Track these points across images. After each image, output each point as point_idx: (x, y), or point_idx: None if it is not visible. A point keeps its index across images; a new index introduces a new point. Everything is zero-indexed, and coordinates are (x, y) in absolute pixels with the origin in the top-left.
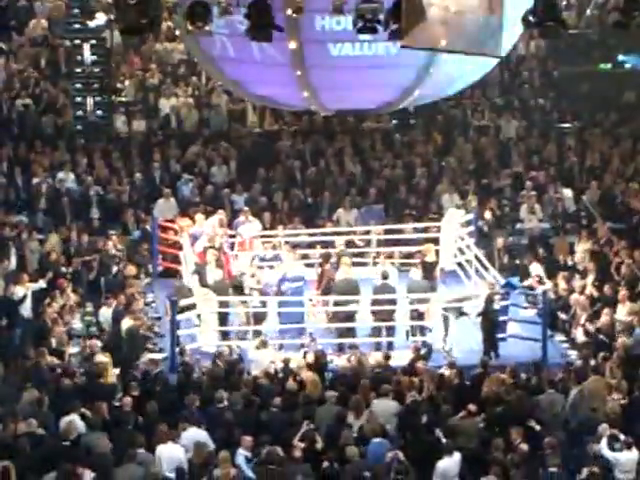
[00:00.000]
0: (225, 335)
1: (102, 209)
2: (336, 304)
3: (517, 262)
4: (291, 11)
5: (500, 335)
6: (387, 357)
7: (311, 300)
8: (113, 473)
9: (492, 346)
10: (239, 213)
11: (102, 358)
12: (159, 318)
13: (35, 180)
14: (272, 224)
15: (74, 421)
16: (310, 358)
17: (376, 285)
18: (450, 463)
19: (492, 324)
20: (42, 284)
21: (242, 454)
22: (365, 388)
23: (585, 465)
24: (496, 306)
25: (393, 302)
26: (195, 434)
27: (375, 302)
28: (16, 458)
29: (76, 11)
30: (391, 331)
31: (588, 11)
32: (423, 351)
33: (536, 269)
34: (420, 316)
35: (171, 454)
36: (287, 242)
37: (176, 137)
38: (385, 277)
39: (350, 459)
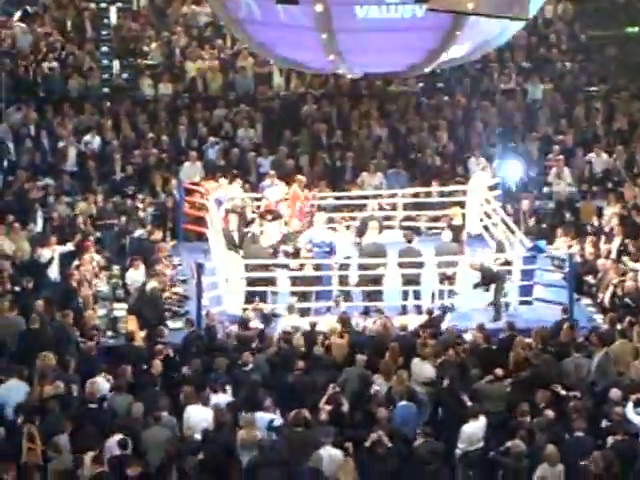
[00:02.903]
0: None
1: (129, 172)
2: (364, 267)
3: (544, 226)
4: None
5: (525, 298)
6: (404, 328)
7: (337, 263)
8: (140, 435)
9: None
10: (265, 176)
11: (129, 321)
12: (185, 281)
13: (61, 143)
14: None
15: (97, 383)
16: (335, 322)
17: (401, 248)
18: (476, 427)
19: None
20: (69, 247)
21: (266, 416)
22: (394, 351)
23: (610, 430)
24: (494, 268)
25: (419, 265)
26: (223, 398)
27: (400, 265)
28: (43, 420)
29: None
30: (417, 294)
31: None
32: (437, 314)
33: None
34: (448, 278)
35: (200, 416)
36: (312, 205)
37: (202, 100)
38: (410, 240)
39: (380, 421)
